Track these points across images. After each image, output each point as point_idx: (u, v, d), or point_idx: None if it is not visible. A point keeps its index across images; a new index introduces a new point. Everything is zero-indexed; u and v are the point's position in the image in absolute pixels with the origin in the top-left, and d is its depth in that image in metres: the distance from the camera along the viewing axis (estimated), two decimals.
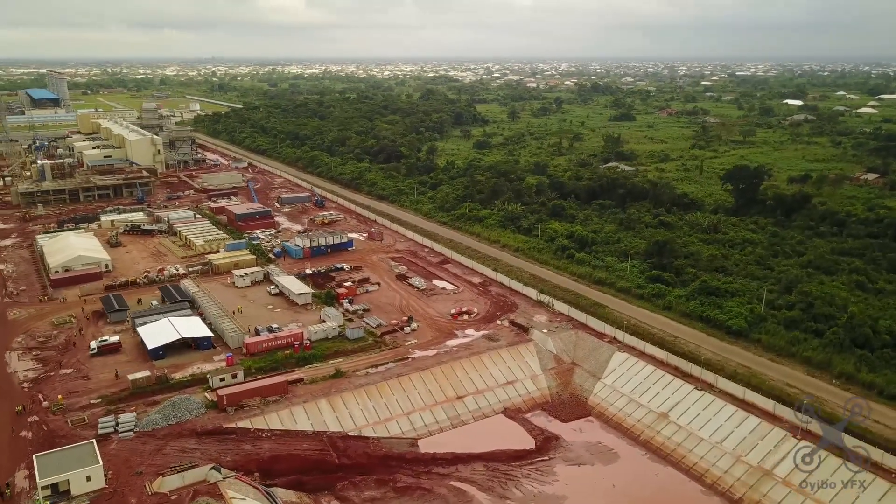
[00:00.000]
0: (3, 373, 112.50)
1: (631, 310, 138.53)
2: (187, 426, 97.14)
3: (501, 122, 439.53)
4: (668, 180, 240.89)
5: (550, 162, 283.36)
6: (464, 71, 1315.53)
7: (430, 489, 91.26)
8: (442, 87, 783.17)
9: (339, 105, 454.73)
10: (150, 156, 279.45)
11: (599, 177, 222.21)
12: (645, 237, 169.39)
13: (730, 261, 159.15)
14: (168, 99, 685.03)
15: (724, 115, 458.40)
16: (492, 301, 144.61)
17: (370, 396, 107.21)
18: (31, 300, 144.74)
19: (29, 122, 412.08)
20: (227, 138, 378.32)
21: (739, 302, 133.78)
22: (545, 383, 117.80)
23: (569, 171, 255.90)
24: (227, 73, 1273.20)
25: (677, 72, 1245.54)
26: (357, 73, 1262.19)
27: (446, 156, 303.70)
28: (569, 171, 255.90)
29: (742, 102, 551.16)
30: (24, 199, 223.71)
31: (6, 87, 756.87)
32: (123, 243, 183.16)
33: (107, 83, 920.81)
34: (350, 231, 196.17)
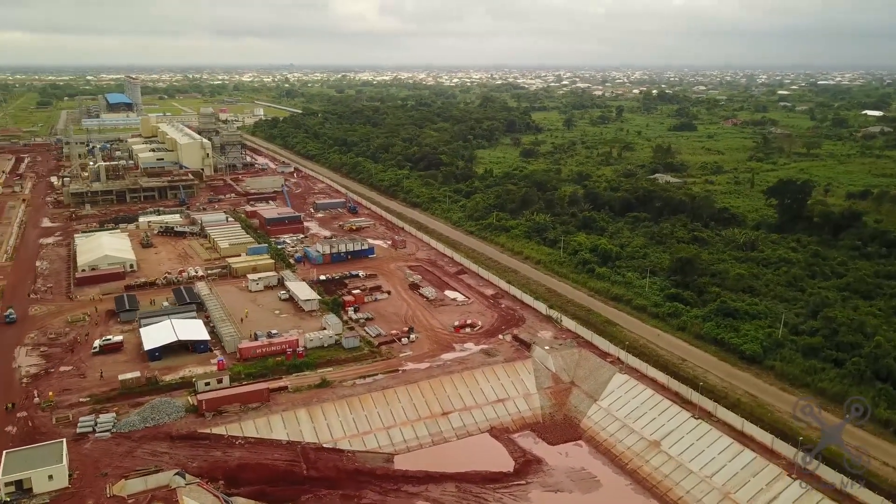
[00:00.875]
0: (8, 367, 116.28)
1: (643, 329, 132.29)
2: (163, 429, 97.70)
3: (556, 130, 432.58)
4: (711, 193, 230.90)
5: (595, 172, 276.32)
6: (533, 78, 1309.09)
7: None
8: (505, 94, 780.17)
9: (392, 112, 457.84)
10: (199, 159, 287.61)
11: (636, 188, 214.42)
12: (674, 253, 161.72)
13: (760, 280, 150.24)
14: (237, 104, 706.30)
15: (793, 126, 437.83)
16: (499, 314, 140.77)
17: (351, 408, 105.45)
18: (55, 297, 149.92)
19: (100, 125, 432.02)
20: (281, 143, 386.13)
21: (759, 325, 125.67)
22: (538, 403, 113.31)
23: (611, 181, 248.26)
24: (300, 79, 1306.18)
25: (756, 80, 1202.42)
26: (426, 80, 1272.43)
27: (490, 164, 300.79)
28: (611, 181, 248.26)
29: (816, 113, 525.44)
30: (75, 198, 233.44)
31: (93, 92, 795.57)
32: (155, 244, 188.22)
33: (184, 88, 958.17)
34: (377, 238, 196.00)
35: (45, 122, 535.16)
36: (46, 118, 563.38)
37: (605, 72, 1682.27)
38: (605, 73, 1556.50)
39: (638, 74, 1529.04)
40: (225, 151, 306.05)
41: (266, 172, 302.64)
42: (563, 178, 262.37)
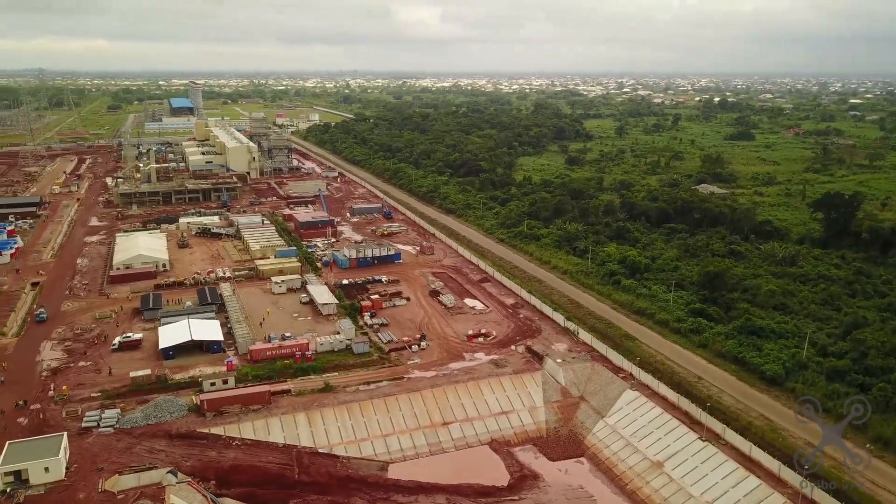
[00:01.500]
0: (32, 360, 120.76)
1: (662, 344, 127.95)
2: (164, 427, 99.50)
3: (607, 138, 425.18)
4: (756, 205, 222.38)
5: (640, 181, 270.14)
6: (594, 86, 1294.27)
7: None
8: (561, 101, 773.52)
9: (441, 118, 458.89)
10: (246, 162, 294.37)
11: (674, 199, 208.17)
12: (704, 266, 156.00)
13: (795, 298, 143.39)
14: (295, 109, 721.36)
15: (860, 137, 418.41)
16: (516, 324, 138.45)
17: (351, 414, 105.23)
18: (89, 294, 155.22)
19: (160, 129, 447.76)
20: (331, 148, 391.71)
21: (785, 345, 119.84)
22: (543, 417, 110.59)
23: (653, 191, 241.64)
24: (361, 85, 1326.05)
25: (828, 88, 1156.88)
26: (485, 87, 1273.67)
27: (532, 171, 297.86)
28: (653, 191, 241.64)
29: (886, 123, 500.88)
30: (123, 199, 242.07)
31: (162, 96, 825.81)
32: (191, 245, 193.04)
33: (247, 93, 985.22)
34: (407, 244, 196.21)
35: (112, 125, 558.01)
36: (114, 121, 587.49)
37: (669, 79, 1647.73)
38: (670, 81, 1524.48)
39: (704, 82, 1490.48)
40: (272, 155, 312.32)
41: (311, 176, 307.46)
42: (606, 187, 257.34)
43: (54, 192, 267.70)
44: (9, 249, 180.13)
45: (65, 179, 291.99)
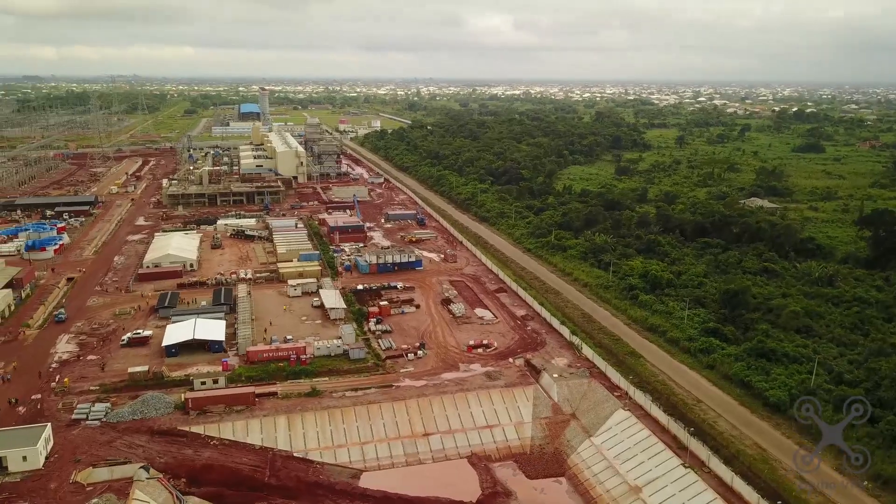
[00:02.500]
0: (46, 352, 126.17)
1: (668, 364, 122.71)
2: (148, 423, 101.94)
3: (666, 147, 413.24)
4: (804, 221, 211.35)
5: (688, 193, 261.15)
6: (669, 94, 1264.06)
7: None
8: (629, 110, 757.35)
9: (496, 126, 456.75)
10: (294, 167, 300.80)
11: (712, 212, 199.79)
12: (725, 284, 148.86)
13: (822, 320, 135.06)
14: (362, 115, 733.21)
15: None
16: (521, 336, 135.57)
17: (332, 419, 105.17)
18: (115, 290, 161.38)
19: (223, 133, 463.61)
20: (384, 155, 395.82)
21: (797, 370, 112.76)
22: (529, 433, 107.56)
23: (698, 204, 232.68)
24: (432, 92, 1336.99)
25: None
26: (556, 95, 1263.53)
27: (578, 180, 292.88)
28: (698, 204, 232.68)
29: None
30: (171, 200, 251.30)
31: (239, 102, 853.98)
32: (224, 246, 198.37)
33: (318, 100, 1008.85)
34: (434, 251, 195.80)
35: (184, 128, 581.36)
36: (187, 125, 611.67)
37: (750, 88, 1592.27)
38: (751, 90, 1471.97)
39: (787, 91, 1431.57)
40: (321, 160, 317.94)
41: (358, 182, 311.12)
42: (649, 199, 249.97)
43: (112, 192, 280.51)
44: (53, 245, 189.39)
45: (125, 180, 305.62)
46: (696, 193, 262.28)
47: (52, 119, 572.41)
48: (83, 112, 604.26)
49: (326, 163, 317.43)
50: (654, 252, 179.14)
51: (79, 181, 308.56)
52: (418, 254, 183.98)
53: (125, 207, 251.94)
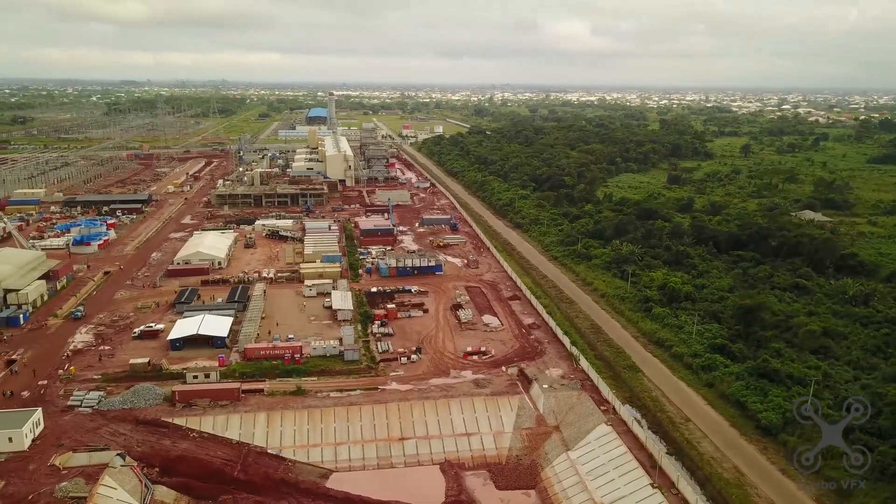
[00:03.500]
0: (63, 341, 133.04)
1: (667, 379, 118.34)
2: (135, 413, 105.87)
3: (729, 157, 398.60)
4: (858, 236, 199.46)
5: (738, 204, 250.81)
6: (752, 101, 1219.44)
7: None
8: (703, 117, 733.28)
9: (553, 132, 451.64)
10: (342, 170, 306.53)
11: (748, 224, 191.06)
12: (740, 299, 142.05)
13: (845, 341, 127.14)
14: (428, 121, 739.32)
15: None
16: (522, 345, 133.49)
17: (310, 418, 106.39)
18: (144, 285, 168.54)
19: (286, 136, 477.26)
20: (437, 160, 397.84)
21: (800, 392, 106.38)
22: (508, 443, 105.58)
23: (745, 215, 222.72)
24: (506, 98, 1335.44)
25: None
26: (633, 101, 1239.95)
27: (627, 189, 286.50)
28: (745, 215, 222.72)
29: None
30: (218, 200, 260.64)
31: (315, 106, 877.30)
32: (257, 246, 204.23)
33: (389, 105, 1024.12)
34: (459, 256, 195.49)
35: (255, 131, 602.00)
36: (259, 129, 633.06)
37: (843, 96, 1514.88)
38: (843, 98, 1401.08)
39: (884, 99, 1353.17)
40: (370, 165, 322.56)
41: (405, 186, 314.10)
42: (695, 209, 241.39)
43: (168, 191, 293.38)
44: (98, 241, 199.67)
45: (183, 180, 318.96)
46: (746, 204, 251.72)
47: (134, 121, 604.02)
48: (162, 115, 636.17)
49: (375, 167, 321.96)
50: (682, 264, 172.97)
51: (141, 180, 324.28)
52: (439, 258, 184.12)
53: (176, 206, 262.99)
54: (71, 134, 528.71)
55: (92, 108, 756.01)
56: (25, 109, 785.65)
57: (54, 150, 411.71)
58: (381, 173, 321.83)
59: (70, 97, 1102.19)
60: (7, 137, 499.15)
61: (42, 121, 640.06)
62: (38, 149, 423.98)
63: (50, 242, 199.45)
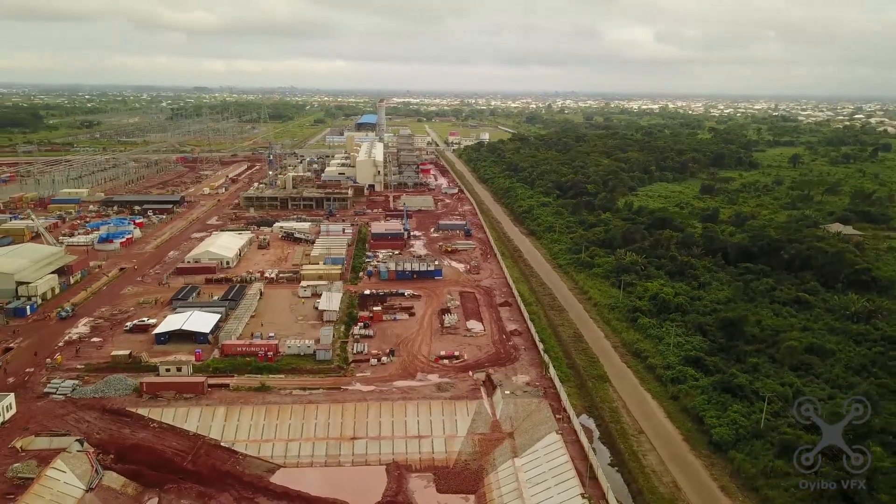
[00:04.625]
0: (61, 332, 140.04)
1: (633, 391, 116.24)
2: (103, 402, 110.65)
3: (775, 167, 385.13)
4: (887, 251, 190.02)
5: (768, 215, 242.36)
6: (824, 110, 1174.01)
7: None
8: (762, 126, 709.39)
9: (592, 140, 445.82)
10: (371, 175, 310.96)
11: (760, 236, 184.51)
12: (724, 312, 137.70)
13: (831, 358, 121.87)
14: (479, 128, 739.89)
15: None
16: (497, 350, 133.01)
17: (268, 414, 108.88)
18: (152, 282, 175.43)
19: (330, 142, 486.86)
20: (473, 166, 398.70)
21: (760, 408, 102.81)
22: (458, 447, 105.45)
23: (767, 226, 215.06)
24: (563, 105, 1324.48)
25: None
26: (695, 110, 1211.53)
27: (655, 198, 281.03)
28: (767, 226, 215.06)
29: None
30: (246, 202, 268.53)
31: (373, 113, 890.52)
32: (270, 247, 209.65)
33: (444, 112, 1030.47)
34: (464, 261, 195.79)
35: (307, 137, 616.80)
36: (311, 134, 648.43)
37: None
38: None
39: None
40: (401, 170, 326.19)
41: (434, 192, 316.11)
42: (721, 219, 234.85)
43: (204, 193, 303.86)
44: (121, 238, 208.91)
45: (221, 183, 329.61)
46: (776, 216, 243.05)
47: (192, 126, 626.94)
48: (221, 120, 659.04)
49: (406, 173, 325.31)
50: (685, 275, 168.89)
51: (182, 182, 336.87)
52: (439, 263, 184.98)
53: (206, 207, 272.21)
54: (131, 137, 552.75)
55: (157, 113, 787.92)
56: (97, 114, 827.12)
57: (112, 152, 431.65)
58: (411, 179, 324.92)
59: (141, 102, 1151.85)
60: (72, 140, 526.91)
61: (109, 125, 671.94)
62: (97, 151, 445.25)
63: (77, 239, 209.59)
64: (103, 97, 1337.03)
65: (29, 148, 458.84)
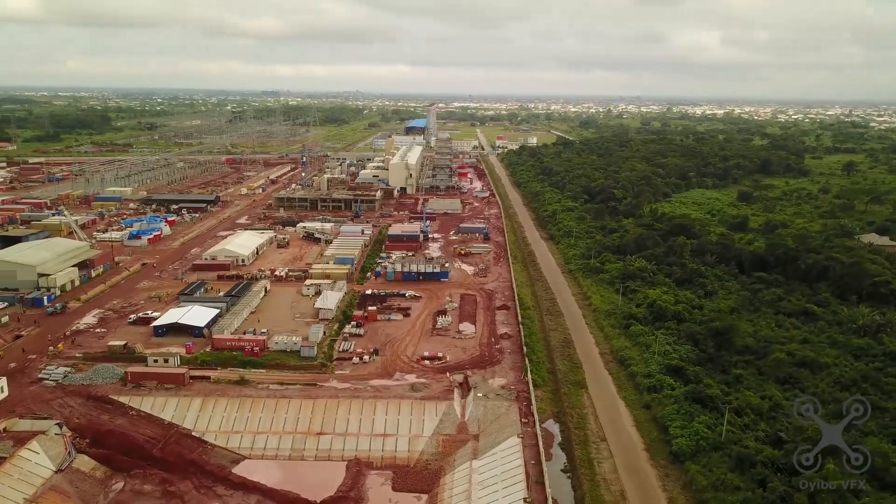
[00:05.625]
0: (70, 322, 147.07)
1: (609, 398, 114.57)
2: (90, 389, 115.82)
3: (827, 175, 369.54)
4: None
5: (804, 224, 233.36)
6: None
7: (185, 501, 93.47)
8: (828, 133, 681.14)
9: (635, 144, 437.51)
10: (403, 178, 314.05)
11: (777, 245, 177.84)
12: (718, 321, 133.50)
13: (823, 372, 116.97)
14: (531, 132, 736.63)
15: None
16: (482, 353, 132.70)
17: (240, 407, 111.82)
18: (168, 277, 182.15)
19: (373, 146, 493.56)
20: (511, 171, 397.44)
21: (730, 420, 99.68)
22: (422, 447, 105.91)
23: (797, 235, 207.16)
24: (624, 110, 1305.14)
25: None
26: (762, 115, 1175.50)
27: (689, 205, 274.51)
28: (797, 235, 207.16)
29: None
30: (277, 202, 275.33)
31: None
32: (288, 246, 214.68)
33: (499, 117, 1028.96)
34: (474, 264, 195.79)
35: (357, 140, 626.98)
36: (362, 137, 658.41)
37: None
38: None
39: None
40: (434, 174, 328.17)
41: (465, 195, 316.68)
42: (751, 227, 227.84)
43: (241, 193, 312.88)
44: (149, 235, 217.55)
45: (260, 183, 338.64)
46: (811, 225, 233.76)
47: (249, 128, 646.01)
48: (274, 123, 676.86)
49: (438, 176, 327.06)
50: (692, 282, 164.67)
51: (224, 182, 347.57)
52: (447, 265, 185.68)
53: (240, 207, 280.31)
54: (188, 139, 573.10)
55: (218, 116, 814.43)
56: (163, 116, 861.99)
57: (165, 152, 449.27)
58: (443, 182, 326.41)
59: (208, 106, 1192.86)
60: (132, 141, 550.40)
61: (171, 127, 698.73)
62: (153, 152, 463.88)
63: (109, 235, 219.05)
64: (174, 101, 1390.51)
65: (88, 148, 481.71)
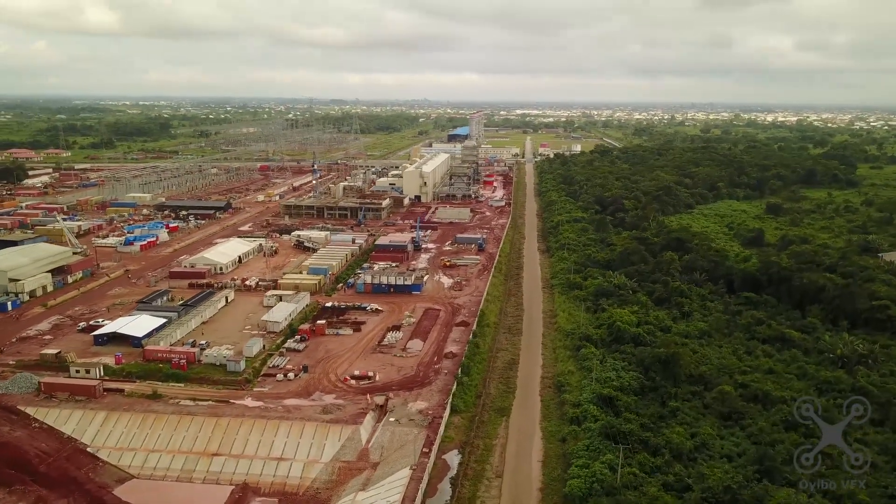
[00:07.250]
0: (22, 329, 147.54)
1: (527, 428, 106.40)
2: (2, 398, 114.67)
3: (879, 186, 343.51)
4: None
5: (828, 239, 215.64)
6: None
7: None
8: (887, 141, 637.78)
9: (669, 153, 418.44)
10: (417, 186, 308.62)
11: (769, 264, 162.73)
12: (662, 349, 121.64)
13: (773, 407, 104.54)
14: (580, 139, 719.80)
15: None
16: (416, 374, 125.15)
17: (143, 423, 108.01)
18: (143, 284, 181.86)
19: (408, 154, 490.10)
20: (539, 178, 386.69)
21: (642, 459, 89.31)
22: (315, 474, 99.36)
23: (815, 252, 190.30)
24: (689, 118, 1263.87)
25: None
26: (839, 122, 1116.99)
27: (712, 217, 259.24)
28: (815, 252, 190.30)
29: None
30: (285, 210, 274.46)
31: (487, 125, 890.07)
32: (276, 254, 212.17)
33: (552, 125, 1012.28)
34: (453, 277, 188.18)
35: (398, 147, 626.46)
36: (406, 145, 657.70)
37: None
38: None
39: None
40: (452, 182, 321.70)
41: (482, 204, 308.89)
42: (766, 242, 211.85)
43: (257, 200, 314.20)
44: (142, 241, 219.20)
45: (282, 190, 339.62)
46: (836, 241, 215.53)
47: (297, 136, 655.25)
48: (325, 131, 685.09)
49: (455, 184, 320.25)
50: (670, 301, 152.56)
51: (248, 189, 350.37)
52: (421, 278, 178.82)
53: (249, 214, 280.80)
54: (237, 146, 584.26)
55: (270, 124, 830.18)
56: (222, 124, 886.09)
57: (203, 158, 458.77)
58: (460, 191, 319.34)
59: (271, 114, 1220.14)
60: (180, 149, 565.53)
61: (223, 134, 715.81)
62: (195, 158, 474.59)
63: (105, 241, 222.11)
64: (241, 109, 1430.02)
65: (137, 155, 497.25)
